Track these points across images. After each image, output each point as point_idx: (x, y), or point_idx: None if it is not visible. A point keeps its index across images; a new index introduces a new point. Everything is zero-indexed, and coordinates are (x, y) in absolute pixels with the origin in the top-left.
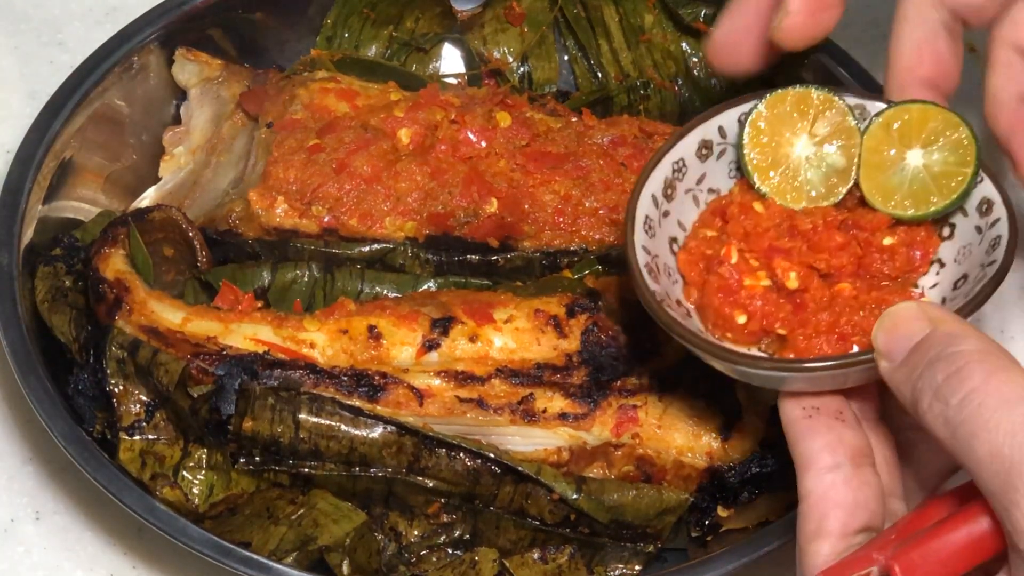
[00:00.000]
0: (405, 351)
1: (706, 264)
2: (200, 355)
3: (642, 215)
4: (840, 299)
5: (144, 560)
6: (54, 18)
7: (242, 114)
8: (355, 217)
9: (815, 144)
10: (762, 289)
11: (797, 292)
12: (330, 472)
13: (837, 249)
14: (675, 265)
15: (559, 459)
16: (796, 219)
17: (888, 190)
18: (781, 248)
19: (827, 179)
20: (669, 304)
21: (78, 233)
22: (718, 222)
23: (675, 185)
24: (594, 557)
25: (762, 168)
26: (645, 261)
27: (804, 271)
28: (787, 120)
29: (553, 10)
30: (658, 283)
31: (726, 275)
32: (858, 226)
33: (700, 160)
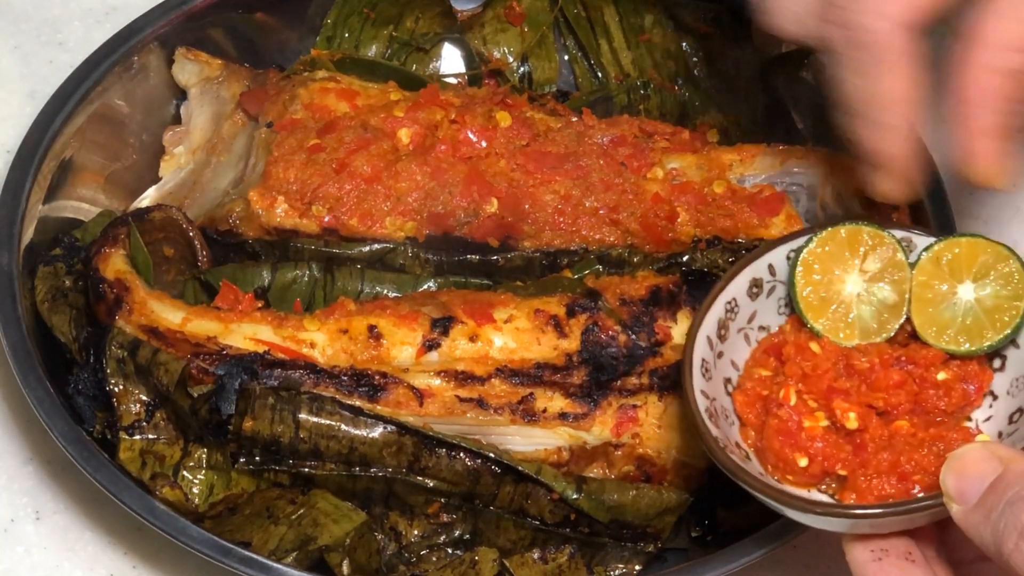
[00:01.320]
0: (405, 351)
1: (763, 406)
2: (200, 355)
3: (699, 358)
4: (899, 437)
5: (144, 560)
6: (54, 18)
7: (242, 114)
8: (355, 217)
9: (866, 280)
10: (822, 430)
11: (856, 432)
12: (330, 472)
13: (894, 387)
14: (731, 407)
15: (559, 459)
16: (852, 358)
17: (941, 325)
18: (840, 389)
19: (879, 315)
20: (729, 448)
21: (78, 233)
22: (772, 361)
23: (728, 325)
24: (594, 557)
25: (814, 306)
26: (705, 406)
27: (863, 410)
28: (838, 257)
29: (553, 10)
30: (718, 427)
31: (785, 418)
32: (913, 362)
33: (751, 299)
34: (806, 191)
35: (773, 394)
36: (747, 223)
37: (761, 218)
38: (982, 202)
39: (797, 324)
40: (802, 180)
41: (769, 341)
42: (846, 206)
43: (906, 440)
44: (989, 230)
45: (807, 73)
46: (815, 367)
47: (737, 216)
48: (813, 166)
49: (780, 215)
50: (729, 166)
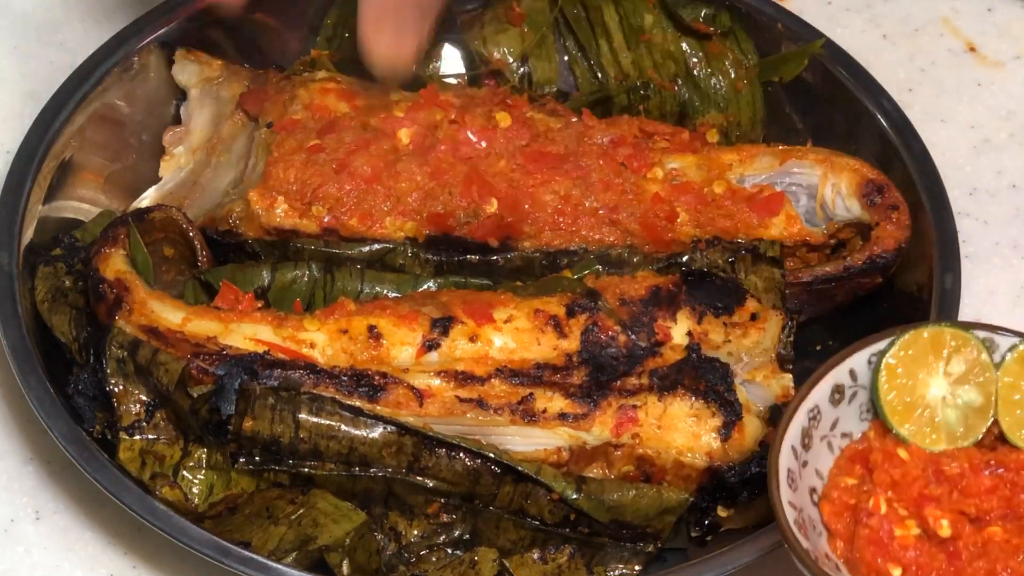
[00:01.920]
0: (405, 351)
1: (852, 515)
2: (200, 355)
3: (784, 469)
4: (992, 544)
5: (144, 560)
6: (54, 18)
7: (242, 114)
8: (355, 217)
9: (951, 383)
10: (914, 539)
11: (949, 540)
12: (330, 472)
13: (986, 492)
14: (818, 517)
15: (559, 459)
16: (941, 463)
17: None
18: (931, 496)
19: (965, 418)
20: (820, 560)
21: (78, 233)
22: (857, 469)
23: (811, 434)
24: (594, 557)
25: (899, 411)
26: (794, 518)
27: (955, 517)
28: (921, 360)
29: (553, 10)
30: (807, 538)
31: (876, 527)
32: (1003, 465)
33: (833, 405)
34: (806, 191)
35: (861, 503)
36: (747, 223)
37: (761, 218)
38: (983, 202)
39: (881, 430)
40: (802, 180)
41: (853, 449)
42: (846, 206)
43: (1000, 547)
44: (989, 230)
45: (807, 73)
46: (904, 474)
47: (737, 216)
48: (813, 166)
49: (780, 215)
50: (729, 166)
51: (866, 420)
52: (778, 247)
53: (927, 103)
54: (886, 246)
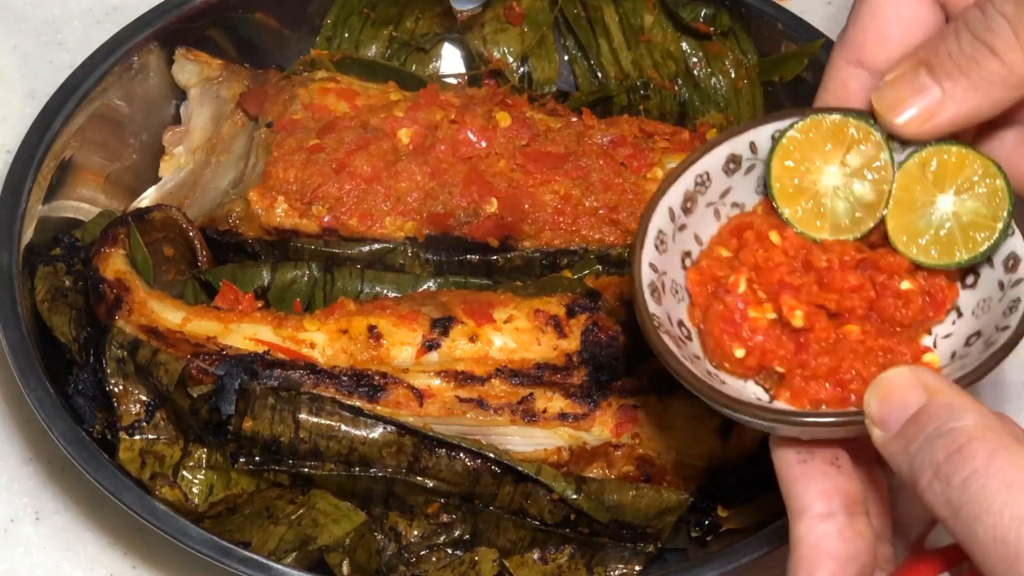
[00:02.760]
0: (405, 351)
1: (714, 288)
2: (200, 355)
3: (655, 230)
4: (846, 342)
5: (144, 560)
6: (54, 18)
7: (242, 114)
8: (355, 217)
9: (846, 175)
10: (766, 323)
11: (802, 331)
12: (330, 472)
13: (850, 291)
14: (683, 282)
15: (559, 459)
16: (812, 254)
17: (914, 233)
18: (791, 284)
19: (853, 212)
20: (668, 327)
21: (78, 233)
22: (735, 243)
23: (696, 198)
24: (594, 557)
25: (787, 193)
26: (650, 280)
27: (811, 310)
28: (819, 147)
29: (553, 10)
30: (661, 303)
31: (731, 305)
32: (876, 267)
33: (726, 174)
34: None
35: (726, 277)
36: None
37: None
38: None
39: (769, 208)
40: None
41: (739, 220)
42: None
43: (852, 346)
44: None
45: (807, 73)
46: (769, 258)
47: None
48: None
49: None
50: None
51: (760, 194)
52: None
53: None
54: None
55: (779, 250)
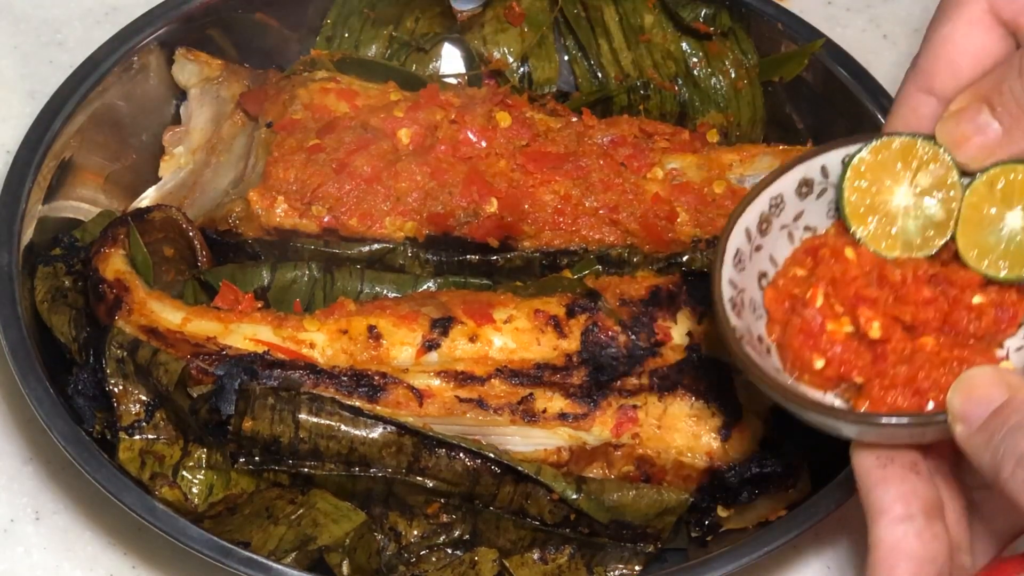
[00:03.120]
0: (405, 351)
1: (792, 304)
2: (200, 355)
3: (733, 248)
4: (921, 353)
5: (144, 560)
6: (54, 18)
7: (242, 114)
8: (355, 217)
9: (916, 194)
10: (844, 336)
11: (879, 342)
12: (330, 472)
13: (924, 303)
14: (761, 300)
15: (559, 459)
16: (886, 269)
17: (984, 248)
18: (867, 296)
19: (924, 231)
20: (750, 340)
21: (78, 233)
22: (810, 262)
23: (771, 220)
24: (594, 557)
25: (859, 213)
26: (730, 295)
27: (888, 322)
28: (890, 168)
29: (553, 10)
30: (740, 318)
31: (809, 318)
32: (948, 282)
33: (799, 197)
34: None
35: (803, 293)
36: None
37: None
38: None
39: (842, 230)
40: None
41: (811, 242)
42: None
43: (928, 357)
44: None
45: (807, 73)
46: (845, 272)
47: None
48: None
49: None
50: (729, 166)
51: (832, 218)
52: None
53: None
54: None
55: (854, 264)
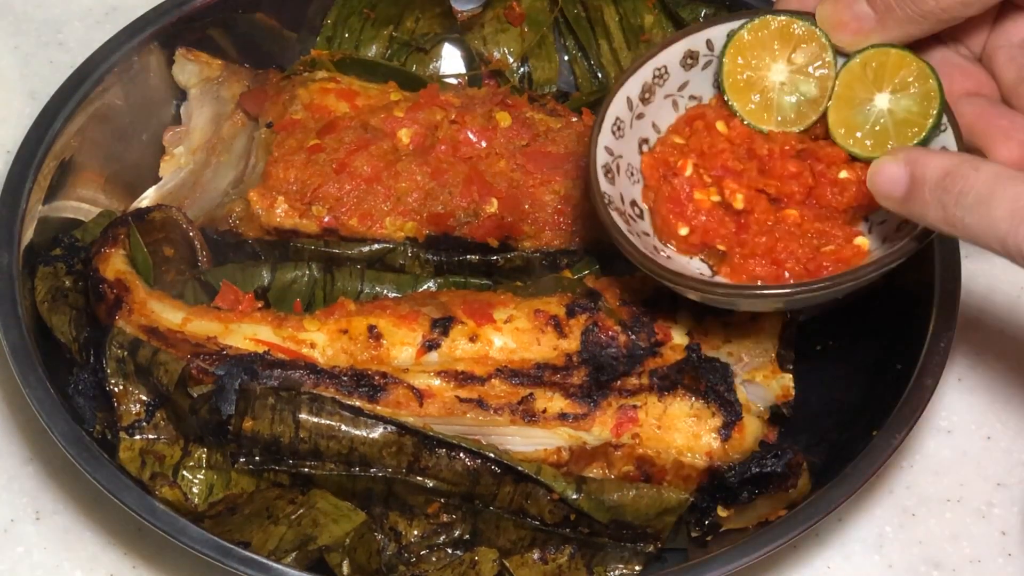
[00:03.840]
0: (405, 351)
1: (664, 172)
2: (200, 355)
3: (612, 116)
4: (784, 225)
5: (144, 560)
6: (54, 18)
7: (242, 114)
8: (355, 217)
9: (792, 72)
10: (710, 205)
11: (743, 213)
12: (330, 472)
13: (789, 177)
14: (639, 166)
15: (559, 459)
16: (756, 143)
17: (851, 127)
18: (733, 169)
19: (798, 107)
20: (619, 206)
21: (78, 233)
22: (688, 131)
23: (654, 89)
24: (594, 557)
25: (738, 87)
26: (604, 161)
27: (752, 194)
28: (768, 45)
29: (553, 10)
30: (614, 184)
31: (677, 187)
32: (815, 157)
33: (684, 68)
34: None
35: (676, 162)
36: None
37: None
38: None
39: (722, 102)
40: None
41: (694, 111)
42: None
43: (789, 229)
44: None
45: None
46: (713, 145)
47: None
48: None
49: None
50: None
51: (716, 88)
52: None
53: None
54: None
55: (724, 138)
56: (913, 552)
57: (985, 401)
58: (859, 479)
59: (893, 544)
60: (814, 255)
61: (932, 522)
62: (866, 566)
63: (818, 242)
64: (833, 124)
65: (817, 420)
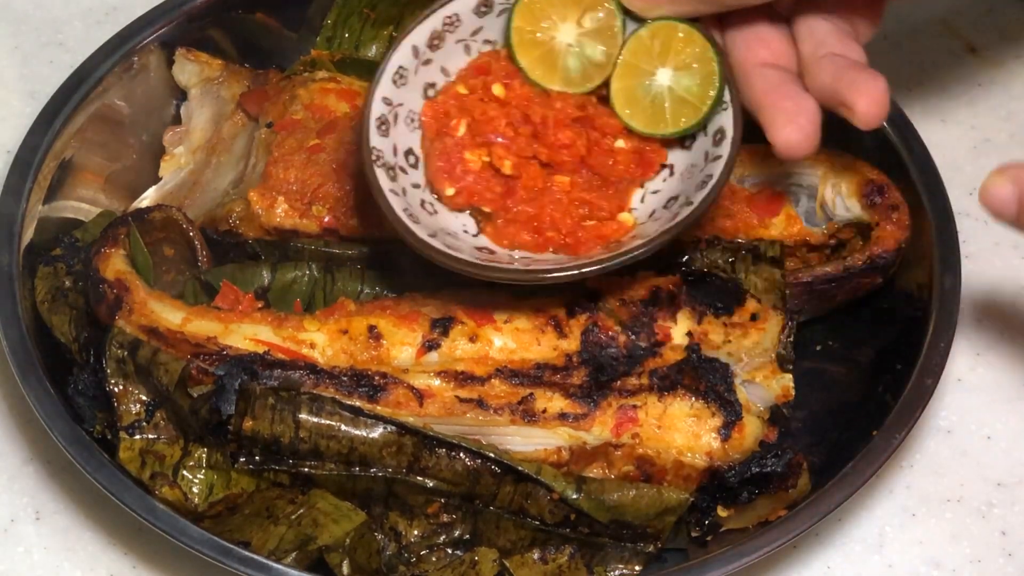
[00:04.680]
0: (405, 351)
1: (439, 128)
2: (200, 355)
3: (395, 65)
4: (551, 193)
5: (144, 560)
6: (54, 18)
7: (242, 114)
8: (355, 217)
9: (580, 34)
10: (479, 167)
11: (511, 178)
12: (330, 472)
13: (560, 146)
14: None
15: (559, 459)
16: (531, 109)
17: (631, 99)
18: (504, 134)
19: (584, 69)
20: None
21: (78, 233)
22: (474, 82)
23: (444, 36)
24: (594, 557)
25: (525, 44)
26: (381, 112)
27: (522, 160)
28: (558, 6)
29: None
30: (388, 135)
31: (448, 146)
32: (593, 125)
33: (478, 16)
34: (806, 191)
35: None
36: (747, 223)
37: (761, 218)
38: None
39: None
40: (802, 180)
41: (485, 58)
42: (847, 206)
43: (557, 197)
44: (989, 230)
45: None
46: (485, 111)
47: (737, 216)
48: (813, 166)
49: (780, 215)
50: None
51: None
52: (779, 247)
53: (927, 103)
54: (886, 246)
55: (498, 103)
56: (913, 552)
57: (985, 401)
58: (859, 479)
59: (893, 544)
60: (576, 227)
61: (932, 522)
62: (866, 566)
63: (585, 212)
64: (615, 92)
65: (817, 420)
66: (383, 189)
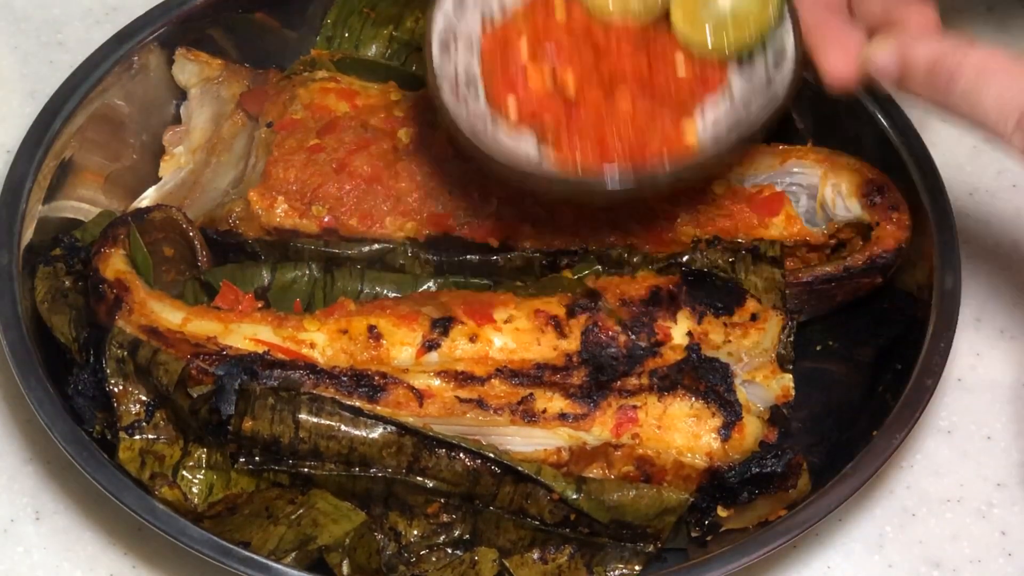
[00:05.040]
0: (405, 351)
1: (502, 49)
2: (200, 355)
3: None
4: (614, 111)
5: (144, 560)
6: (54, 18)
7: (242, 114)
8: (355, 217)
9: None
10: (541, 85)
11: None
12: (330, 472)
13: (623, 64)
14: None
15: (559, 459)
16: (593, 29)
17: (694, 19)
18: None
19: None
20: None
21: (78, 233)
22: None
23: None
24: (594, 557)
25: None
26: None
27: (583, 81)
28: None
29: None
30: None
31: (512, 63)
32: (654, 45)
33: None
34: (806, 191)
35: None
36: (747, 223)
37: (761, 218)
38: (983, 202)
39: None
40: (802, 180)
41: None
42: (847, 206)
43: (620, 115)
44: (989, 230)
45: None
46: (550, 28)
47: (737, 216)
48: (813, 166)
49: (780, 215)
50: (729, 166)
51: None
52: (778, 247)
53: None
54: (886, 246)
55: (562, 23)
56: (913, 552)
57: (985, 401)
58: (859, 479)
59: (893, 544)
60: (640, 149)
61: (932, 522)
62: (866, 566)
63: (647, 126)
64: (675, 13)
65: (817, 420)
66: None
